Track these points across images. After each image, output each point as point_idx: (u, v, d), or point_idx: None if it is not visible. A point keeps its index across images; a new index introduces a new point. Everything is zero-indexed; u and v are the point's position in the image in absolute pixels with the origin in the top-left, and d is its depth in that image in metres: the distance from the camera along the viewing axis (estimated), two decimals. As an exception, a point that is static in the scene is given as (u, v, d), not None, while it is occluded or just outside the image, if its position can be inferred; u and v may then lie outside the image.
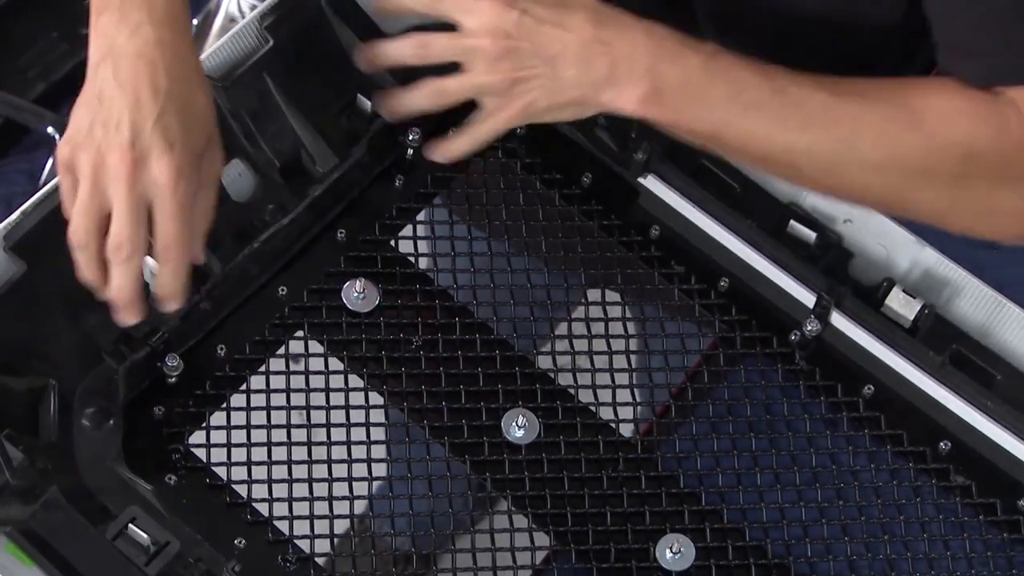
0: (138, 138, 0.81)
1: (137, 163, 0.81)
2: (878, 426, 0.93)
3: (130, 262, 0.82)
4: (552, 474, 0.91)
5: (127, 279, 0.83)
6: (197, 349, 0.91)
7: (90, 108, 0.82)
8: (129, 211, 0.81)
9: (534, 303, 0.96)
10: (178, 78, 0.83)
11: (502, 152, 1.00)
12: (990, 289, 0.94)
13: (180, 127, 0.82)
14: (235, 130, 0.93)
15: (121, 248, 0.82)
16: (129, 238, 0.81)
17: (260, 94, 0.94)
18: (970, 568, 0.89)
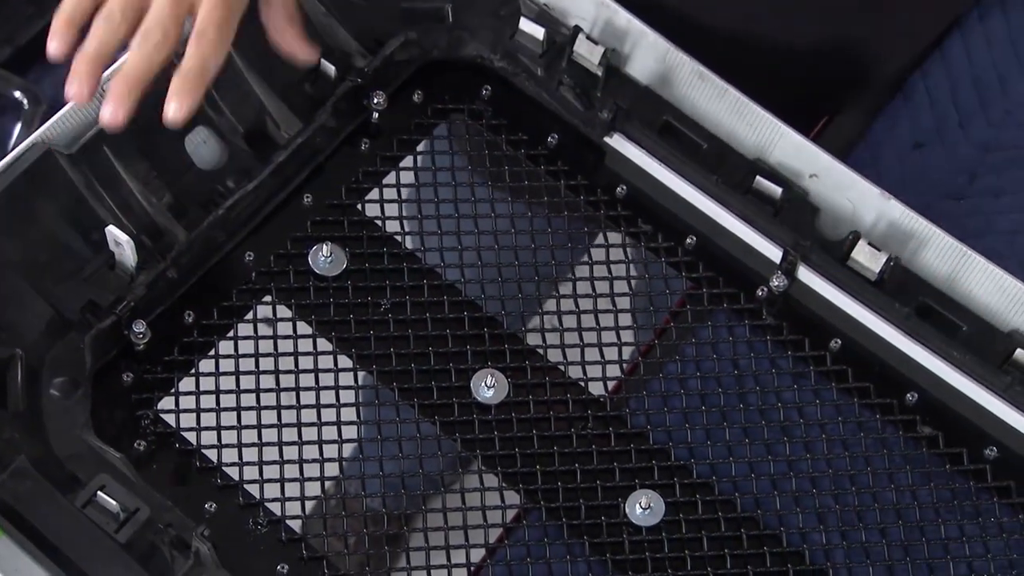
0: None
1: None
2: (845, 379, 0.93)
3: (160, 51, 0.76)
4: (522, 433, 0.90)
5: (145, 65, 0.76)
6: (165, 316, 0.90)
7: None
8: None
9: (502, 264, 0.95)
10: None
11: (467, 113, 0.99)
12: (955, 240, 0.93)
13: None
14: (198, 96, 0.92)
15: (151, 33, 0.75)
16: (162, 22, 0.75)
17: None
18: (937, 516, 0.89)
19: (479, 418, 0.91)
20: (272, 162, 0.93)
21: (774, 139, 0.96)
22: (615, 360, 0.93)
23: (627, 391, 0.94)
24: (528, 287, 0.95)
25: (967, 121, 1.13)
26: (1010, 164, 1.12)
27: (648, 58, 0.98)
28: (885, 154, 1.14)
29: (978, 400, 0.92)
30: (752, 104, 0.96)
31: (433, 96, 0.99)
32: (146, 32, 0.76)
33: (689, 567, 0.87)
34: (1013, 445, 0.91)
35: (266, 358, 0.90)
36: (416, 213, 0.96)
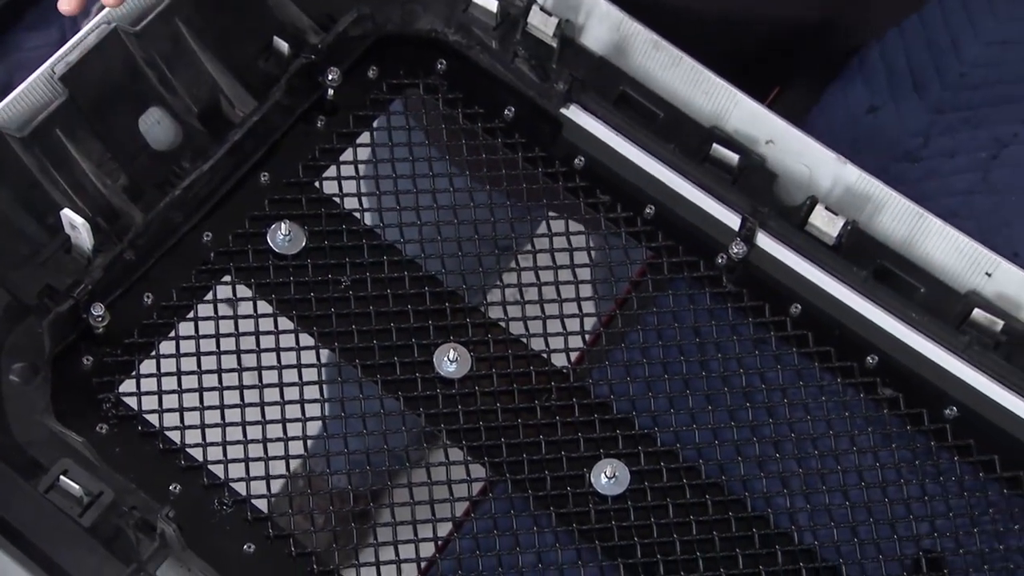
0: None
1: None
2: (806, 344, 0.93)
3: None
4: (485, 406, 0.90)
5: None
6: (123, 299, 0.89)
7: None
8: None
9: (461, 238, 0.95)
10: None
11: (423, 88, 0.99)
12: (911, 202, 0.94)
13: None
14: (150, 77, 0.92)
15: None
16: None
17: (173, 40, 0.92)
18: (899, 477, 0.90)
19: (442, 392, 0.90)
20: (227, 141, 0.92)
21: (730, 106, 0.96)
22: (577, 331, 0.93)
23: (590, 362, 0.94)
24: (488, 260, 0.95)
25: (921, 84, 1.13)
26: (964, 125, 1.12)
27: (602, 28, 0.98)
28: (840, 119, 1.14)
29: (937, 361, 0.92)
30: (707, 72, 0.96)
31: (388, 71, 0.98)
32: None
33: (655, 534, 0.87)
34: (972, 404, 0.91)
35: (227, 338, 0.90)
36: (374, 189, 0.96)
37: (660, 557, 0.86)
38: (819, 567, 0.87)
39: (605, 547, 0.87)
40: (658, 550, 0.87)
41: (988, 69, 1.13)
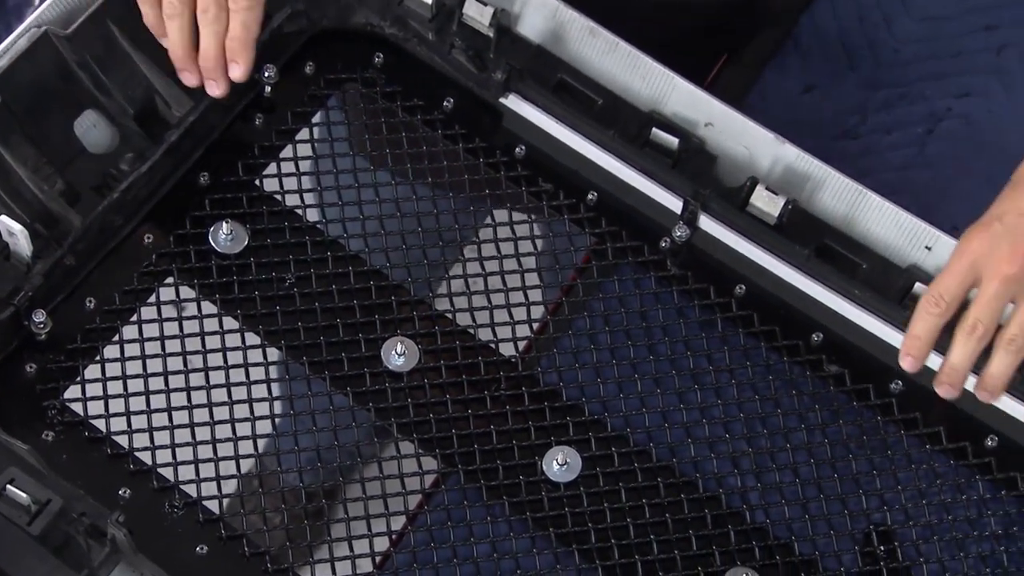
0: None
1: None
2: (751, 324, 0.94)
3: (219, 21, 0.89)
4: (435, 399, 0.90)
5: (216, 38, 0.90)
6: (65, 304, 0.89)
7: None
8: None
9: (405, 231, 0.95)
10: None
11: (361, 82, 0.98)
12: (849, 180, 0.95)
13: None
14: (83, 80, 0.91)
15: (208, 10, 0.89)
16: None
17: (106, 41, 0.92)
18: (847, 453, 0.91)
19: (391, 386, 0.91)
20: (165, 142, 0.92)
21: (667, 90, 0.97)
22: (524, 320, 0.94)
23: (538, 350, 0.94)
24: (433, 252, 0.95)
25: (856, 62, 1.15)
26: (899, 100, 1.13)
27: (538, 17, 0.98)
28: (777, 99, 1.15)
29: (881, 336, 0.93)
30: (644, 57, 0.97)
31: (325, 66, 0.98)
32: (203, 11, 0.89)
33: (608, 520, 0.88)
34: (917, 378, 0.92)
35: (172, 340, 0.89)
36: (316, 185, 0.96)
37: (614, 541, 0.87)
38: (772, 544, 0.88)
39: (559, 534, 0.87)
40: (612, 534, 0.87)
41: (921, 45, 1.14)
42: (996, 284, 0.81)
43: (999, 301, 0.82)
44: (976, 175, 1.09)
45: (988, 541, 0.88)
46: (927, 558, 0.87)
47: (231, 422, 0.88)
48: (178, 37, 0.89)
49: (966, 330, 0.84)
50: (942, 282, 0.84)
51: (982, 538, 0.88)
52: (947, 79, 1.12)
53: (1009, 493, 0.89)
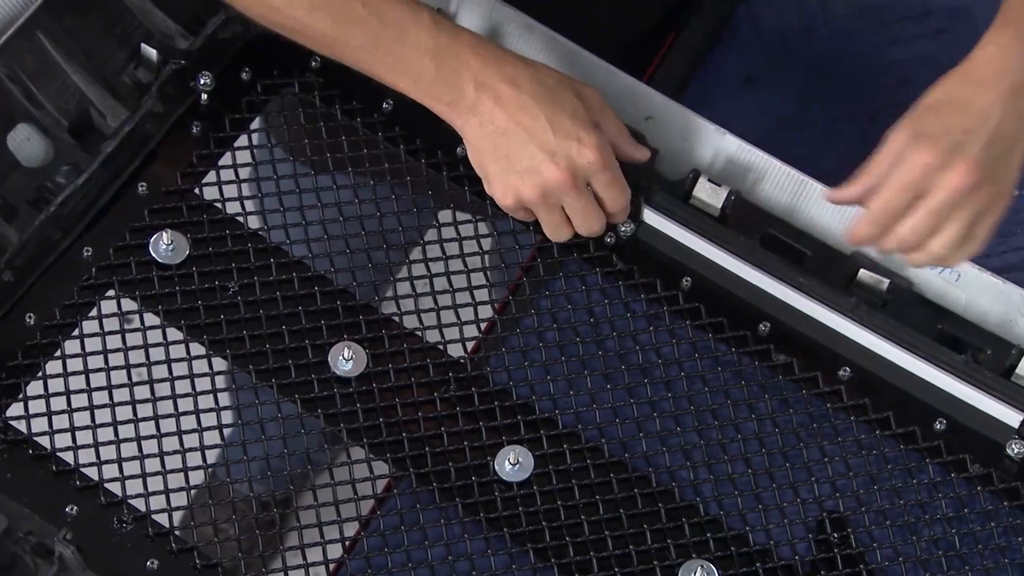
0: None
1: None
2: (699, 316, 0.95)
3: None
4: (385, 403, 0.91)
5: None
6: (5, 321, 0.88)
7: None
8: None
9: (349, 235, 0.95)
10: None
11: (298, 87, 0.99)
12: (792, 168, 0.96)
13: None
14: (15, 94, 0.91)
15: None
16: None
17: (37, 54, 0.92)
18: (798, 441, 0.92)
19: (340, 392, 0.91)
20: (101, 153, 0.91)
21: (607, 84, 0.98)
22: (472, 320, 0.94)
23: (486, 350, 0.95)
24: (378, 256, 0.95)
25: (794, 51, 1.16)
26: (839, 89, 1.15)
27: (474, 15, 0.99)
28: (718, 90, 1.16)
29: (828, 323, 0.94)
30: (582, 51, 0.97)
31: (262, 72, 0.98)
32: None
33: (563, 517, 0.88)
34: (865, 363, 0.94)
35: (115, 353, 0.89)
36: (256, 192, 0.96)
37: (568, 539, 0.88)
38: (726, 536, 0.89)
39: (513, 534, 0.88)
40: (566, 532, 0.88)
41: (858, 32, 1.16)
42: (942, 195, 0.84)
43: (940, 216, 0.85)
44: (918, 160, 1.11)
45: (939, 524, 0.90)
46: (880, 543, 0.89)
47: (178, 434, 0.88)
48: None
49: (896, 243, 0.86)
50: (887, 196, 0.85)
51: (933, 521, 0.90)
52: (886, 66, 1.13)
53: (959, 475, 0.91)
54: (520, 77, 0.89)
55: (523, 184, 0.90)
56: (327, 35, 0.90)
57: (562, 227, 0.93)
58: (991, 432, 0.92)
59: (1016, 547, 0.89)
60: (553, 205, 0.91)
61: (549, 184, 0.90)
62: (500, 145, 0.90)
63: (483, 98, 0.89)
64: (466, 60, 0.89)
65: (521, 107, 0.89)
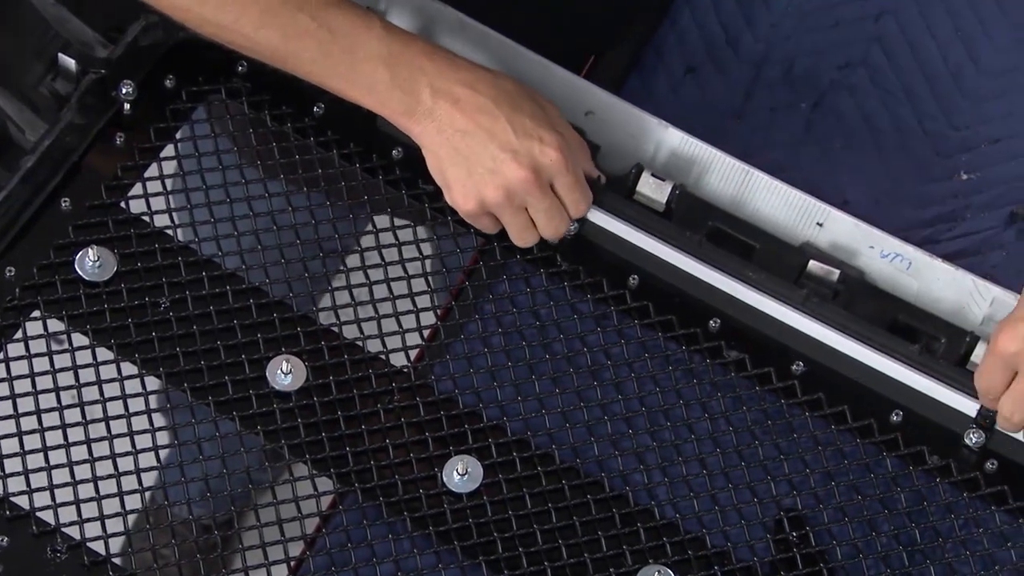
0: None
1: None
2: (647, 315, 0.95)
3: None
4: (327, 416, 0.90)
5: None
6: (-75, 347, 0.87)
7: None
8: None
9: (283, 245, 0.94)
10: None
11: (225, 93, 0.98)
12: (736, 160, 0.96)
13: None
14: (-73, 109, 0.89)
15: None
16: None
17: (-53, 68, 0.90)
18: (753, 439, 0.92)
19: (280, 407, 0.90)
20: (21, 169, 0.90)
21: (543, 80, 0.97)
22: (414, 328, 0.93)
23: (430, 358, 0.94)
24: (314, 265, 0.94)
25: (735, 39, 1.16)
26: (781, 77, 1.15)
27: (405, 12, 0.98)
28: (659, 82, 1.16)
29: (779, 317, 0.94)
30: (517, 46, 0.97)
31: (186, 79, 0.97)
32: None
33: (515, 527, 0.88)
34: (818, 357, 0.94)
35: (43, 376, 0.88)
36: (185, 203, 0.95)
37: (521, 549, 0.87)
38: (683, 539, 0.88)
39: (464, 547, 0.87)
40: (519, 542, 0.87)
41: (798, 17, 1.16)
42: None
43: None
44: (865, 146, 1.11)
45: (899, 518, 0.90)
46: (840, 540, 0.89)
47: (112, 457, 0.86)
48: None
49: (1003, 422, 0.89)
50: (984, 379, 0.88)
51: (893, 515, 0.90)
52: (828, 51, 1.14)
53: (917, 468, 0.91)
54: (477, 81, 0.89)
55: (485, 186, 0.90)
56: (278, 50, 0.90)
57: (529, 230, 0.92)
58: (948, 422, 0.92)
59: (977, 539, 0.89)
60: (518, 207, 0.91)
61: (512, 184, 0.89)
62: (460, 148, 0.89)
63: (440, 103, 0.89)
64: (420, 66, 0.89)
65: (480, 108, 0.89)
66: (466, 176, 0.90)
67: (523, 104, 0.90)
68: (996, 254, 1.11)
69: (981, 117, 1.14)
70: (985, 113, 1.14)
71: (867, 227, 0.95)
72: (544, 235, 0.93)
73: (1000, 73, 1.15)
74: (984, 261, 1.10)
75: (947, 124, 1.13)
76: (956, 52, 1.15)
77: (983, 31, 1.16)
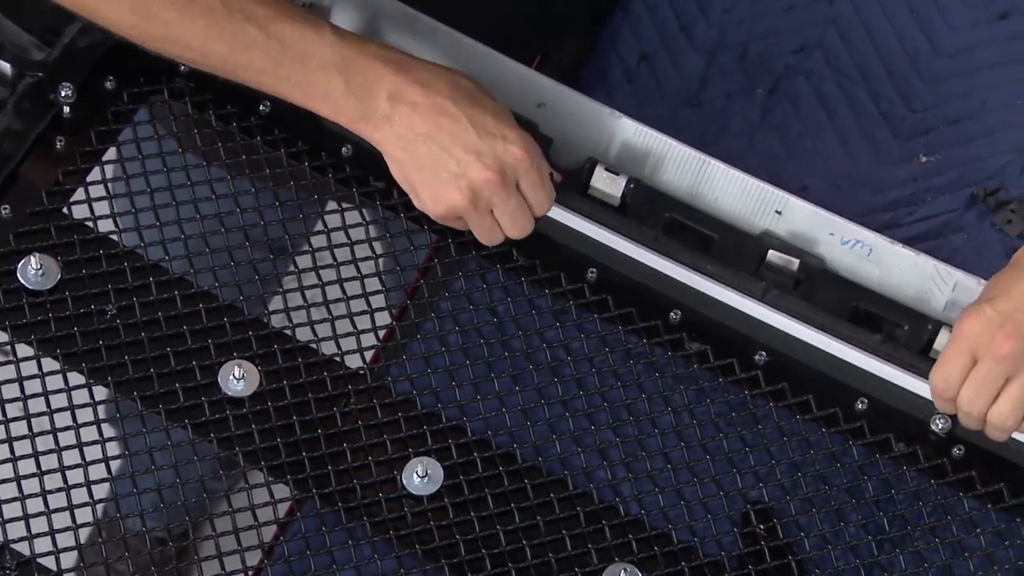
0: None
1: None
2: (607, 308, 0.95)
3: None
4: (282, 422, 0.89)
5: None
6: None
7: None
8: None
9: (232, 247, 0.93)
10: None
11: (168, 93, 0.97)
12: (692, 150, 0.96)
13: None
14: None
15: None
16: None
17: None
18: (718, 432, 0.91)
19: (233, 413, 0.89)
20: (-43, 176, 0.89)
21: (493, 72, 0.97)
22: (369, 328, 0.93)
23: (386, 359, 0.94)
24: (265, 267, 0.94)
25: (688, 25, 1.15)
26: (736, 64, 1.14)
27: (349, 7, 0.98)
28: (613, 72, 1.15)
29: (740, 308, 0.94)
30: (466, 39, 0.97)
31: (127, 80, 0.96)
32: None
33: (477, 529, 0.87)
34: (781, 347, 0.94)
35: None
36: (130, 207, 0.94)
37: (485, 551, 0.87)
38: (649, 536, 0.88)
39: (426, 550, 0.87)
40: (482, 544, 0.87)
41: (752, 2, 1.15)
42: (990, 364, 0.86)
43: (993, 381, 0.86)
44: (822, 131, 1.11)
45: (867, 507, 0.90)
46: (807, 532, 0.89)
47: (61, 470, 0.85)
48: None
49: (963, 416, 0.88)
50: (942, 370, 0.88)
51: (861, 505, 0.90)
52: (783, 35, 1.13)
53: (884, 456, 0.91)
54: (434, 81, 0.89)
55: (451, 190, 0.89)
56: (227, 63, 0.89)
57: (495, 231, 0.92)
58: (914, 409, 0.92)
59: (946, 526, 0.89)
60: (484, 209, 0.90)
61: (478, 185, 0.89)
62: (422, 152, 0.89)
63: (398, 107, 0.88)
64: (376, 71, 0.88)
65: (439, 110, 0.88)
66: (432, 181, 0.89)
67: (484, 101, 0.89)
68: (957, 236, 1.11)
69: (939, 98, 1.14)
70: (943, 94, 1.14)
71: (826, 214, 0.95)
72: (509, 235, 0.92)
73: (957, 53, 1.15)
74: (946, 244, 1.10)
75: (905, 106, 1.13)
76: (912, 33, 1.15)
77: (938, 11, 1.16)
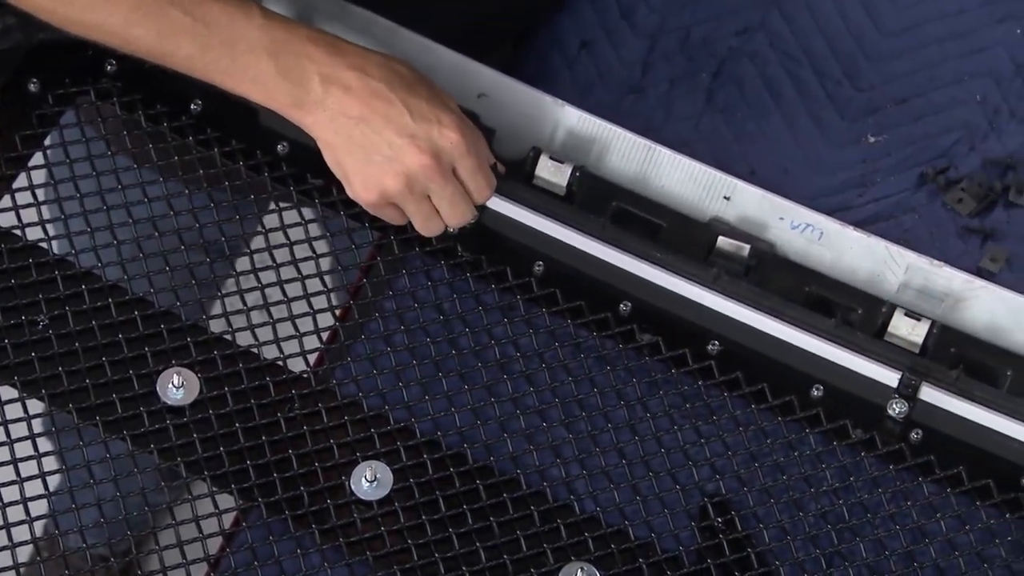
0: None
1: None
2: (555, 302, 0.94)
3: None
4: (223, 429, 0.88)
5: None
6: None
7: None
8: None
9: (167, 251, 0.92)
10: None
11: (95, 94, 0.95)
12: (637, 136, 0.95)
13: None
14: None
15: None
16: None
17: None
18: (672, 424, 0.91)
19: (173, 423, 0.88)
20: None
21: (432, 62, 0.96)
22: (311, 331, 0.92)
23: (331, 361, 0.93)
24: (201, 271, 0.93)
25: (628, 10, 1.15)
26: (679, 48, 1.14)
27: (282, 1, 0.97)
28: (554, 59, 1.15)
29: (691, 297, 0.94)
30: (403, 30, 0.96)
31: (52, 82, 0.95)
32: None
33: (429, 533, 0.87)
34: (733, 335, 0.94)
35: (-85, 409, 0.86)
36: (59, 214, 0.92)
37: (438, 555, 0.86)
38: (605, 533, 0.88)
39: (377, 556, 0.86)
40: (434, 548, 0.86)
41: (691, -17, 1.15)
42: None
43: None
44: (769, 113, 1.11)
45: (827, 496, 0.90)
46: (766, 523, 0.89)
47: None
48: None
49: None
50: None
51: (820, 494, 0.90)
52: (725, 18, 1.13)
53: (841, 443, 0.91)
54: (368, 65, 0.88)
55: (384, 174, 0.88)
56: (153, 48, 0.88)
57: (433, 219, 0.91)
58: (870, 394, 0.92)
59: (906, 512, 0.90)
60: (420, 195, 0.90)
61: (412, 170, 0.88)
62: (355, 136, 0.88)
63: (331, 90, 0.87)
64: (307, 53, 0.87)
65: (374, 93, 0.87)
66: (364, 166, 0.89)
67: (419, 86, 0.89)
68: (909, 217, 1.12)
69: (885, 77, 1.14)
70: (889, 73, 1.14)
71: (775, 198, 0.95)
72: (448, 223, 0.92)
73: (901, 31, 1.15)
74: (897, 225, 1.11)
75: (851, 86, 1.14)
76: (856, 12, 1.15)
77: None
